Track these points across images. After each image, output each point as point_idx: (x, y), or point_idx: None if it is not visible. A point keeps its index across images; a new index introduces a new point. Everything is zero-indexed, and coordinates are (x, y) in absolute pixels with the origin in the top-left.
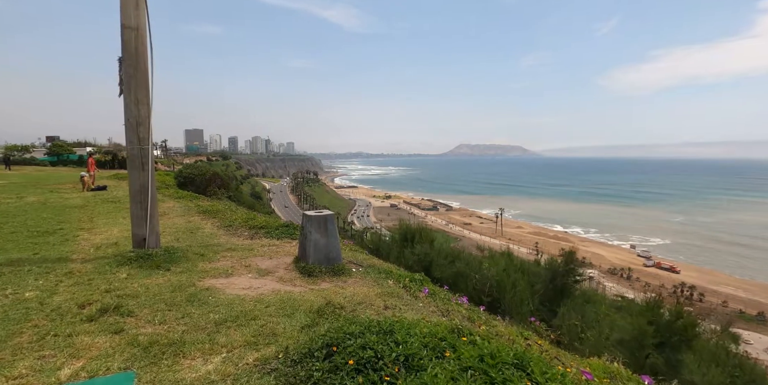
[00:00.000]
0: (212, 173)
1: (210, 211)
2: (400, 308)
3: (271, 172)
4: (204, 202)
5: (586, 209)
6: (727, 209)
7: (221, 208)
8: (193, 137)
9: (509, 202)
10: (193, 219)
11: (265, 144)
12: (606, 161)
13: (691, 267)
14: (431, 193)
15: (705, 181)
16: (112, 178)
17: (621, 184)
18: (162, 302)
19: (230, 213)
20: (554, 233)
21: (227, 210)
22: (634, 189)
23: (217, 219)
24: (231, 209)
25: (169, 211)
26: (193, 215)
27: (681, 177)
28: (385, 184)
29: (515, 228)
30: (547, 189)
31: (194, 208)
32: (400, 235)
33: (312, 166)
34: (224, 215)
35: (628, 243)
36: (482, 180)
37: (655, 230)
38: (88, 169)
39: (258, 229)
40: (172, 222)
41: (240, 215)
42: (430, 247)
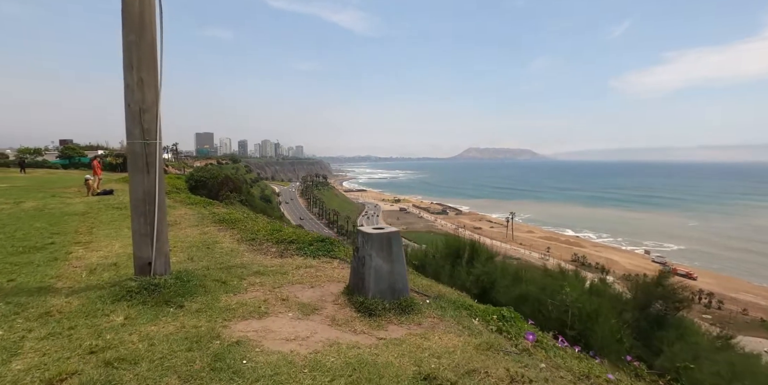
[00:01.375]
0: (224, 177)
1: (227, 220)
2: (530, 380)
3: (280, 176)
4: (219, 208)
5: (598, 213)
6: (744, 215)
7: (240, 216)
8: (203, 141)
9: (519, 206)
10: (209, 230)
11: (274, 147)
12: (618, 165)
13: (708, 273)
14: (440, 197)
15: (720, 186)
16: (121, 181)
17: (633, 188)
18: (174, 374)
19: (251, 223)
20: (566, 237)
21: (247, 219)
22: (646, 193)
23: (237, 230)
24: (251, 218)
25: (181, 220)
26: (208, 225)
27: (695, 181)
28: (393, 188)
29: (526, 232)
30: (557, 193)
31: (209, 216)
32: (450, 249)
33: (321, 170)
34: (244, 225)
35: (641, 248)
36: (491, 184)
37: (670, 235)
38: (93, 173)
39: (287, 244)
40: (184, 234)
41: (262, 225)
42: (489, 264)
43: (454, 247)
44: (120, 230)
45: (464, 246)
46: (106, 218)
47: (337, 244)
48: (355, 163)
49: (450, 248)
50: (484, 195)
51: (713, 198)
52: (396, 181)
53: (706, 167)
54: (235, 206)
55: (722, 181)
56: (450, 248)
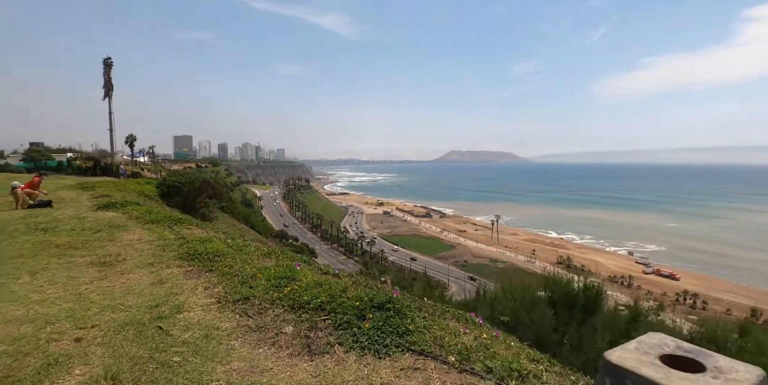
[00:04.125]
0: (202, 181)
1: (202, 255)
2: None
3: (261, 179)
4: (193, 230)
5: (579, 215)
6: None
7: (222, 247)
8: (182, 144)
9: (502, 209)
10: (169, 276)
11: (255, 151)
12: (597, 167)
13: (690, 274)
14: (424, 200)
15: (695, 187)
16: (74, 188)
17: (611, 190)
18: None
19: (240, 259)
20: (550, 239)
21: (235, 251)
22: (624, 195)
23: (217, 276)
24: (241, 247)
25: (129, 252)
26: (171, 265)
27: (670, 183)
28: (376, 191)
29: (511, 235)
30: (538, 195)
31: (174, 245)
32: (558, 295)
33: (303, 173)
34: (230, 263)
35: (624, 249)
36: (474, 187)
37: (650, 236)
38: (28, 188)
39: (313, 312)
40: (122, 287)
41: (259, 263)
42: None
43: (570, 295)
44: (36, 275)
45: (577, 291)
46: (14, 249)
47: (408, 312)
48: (337, 167)
49: (565, 295)
50: (467, 198)
51: (689, 200)
52: (379, 184)
53: (680, 169)
54: (216, 221)
55: (697, 182)
56: (564, 296)
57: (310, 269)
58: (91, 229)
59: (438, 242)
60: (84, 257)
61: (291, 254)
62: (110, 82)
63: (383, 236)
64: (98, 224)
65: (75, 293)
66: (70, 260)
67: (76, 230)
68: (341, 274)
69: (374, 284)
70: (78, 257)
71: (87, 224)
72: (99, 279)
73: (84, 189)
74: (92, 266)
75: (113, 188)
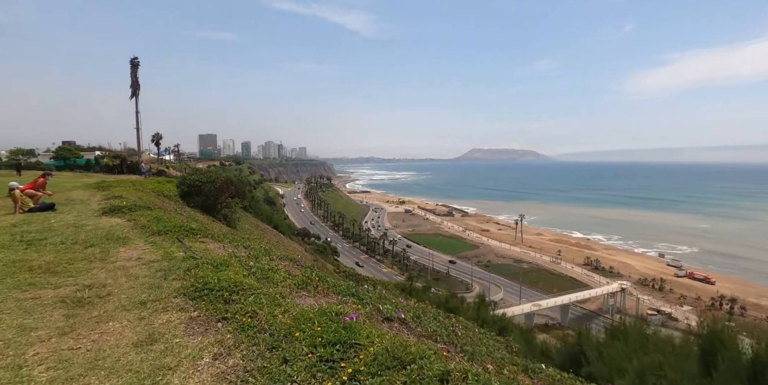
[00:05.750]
0: (224, 180)
1: (215, 290)
2: None
3: (283, 177)
4: (208, 243)
5: (605, 214)
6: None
7: (242, 278)
8: (206, 142)
9: (525, 208)
10: (164, 331)
11: (277, 149)
12: (622, 166)
13: (726, 278)
14: (445, 198)
15: (728, 187)
16: (90, 187)
17: (638, 190)
18: None
19: (267, 299)
20: (575, 240)
21: (259, 280)
22: (652, 195)
23: (235, 333)
24: (267, 274)
25: (118, 281)
26: (169, 309)
27: (702, 182)
28: (398, 189)
29: (535, 235)
30: (563, 194)
31: (180, 270)
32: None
33: (324, 171)
34: (254, 306)
35: (653, 251)
36: (496, 186)
37: (681, 238)
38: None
39: None
40: (90, 353)
41: (295, 305)
42: None
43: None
44: None
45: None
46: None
47: None
48: (358, 165)
49: (716, 350)
50: (489, 197)
51: (722, 200)
52: (400, 182)
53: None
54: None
55: (729, 182)
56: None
57: (368, 318)
58: (84, 242)
59: (461, 242)
60: (57, 289)
61: (332, 282)
62: (137, 82)
63: (405, 234)
64: (95, 235)
65: (14, 366)
66: (37, 294)
67: (66, 243)
68: (423, 328)
69: None
70: (50, 288)
71: (81, 235)
72: (62, 334)
73: (100, 189)
74: (62, 306)
75: (130, 188)
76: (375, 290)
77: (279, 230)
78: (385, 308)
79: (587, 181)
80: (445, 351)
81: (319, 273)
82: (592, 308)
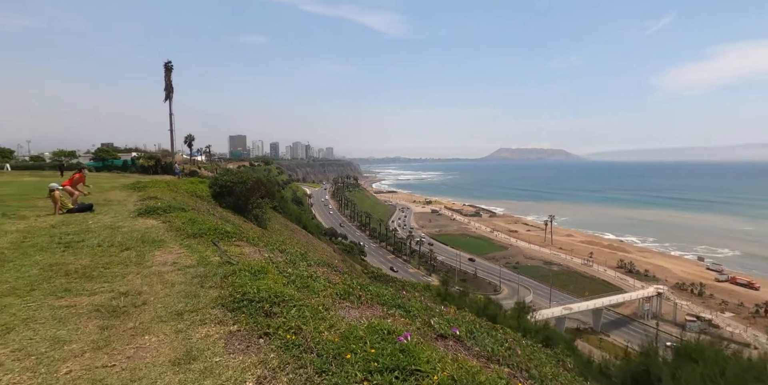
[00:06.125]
0: (255, 180)
1: (254, 301)
2: None
3: (311, 177)
4: (243, 246)
5: (640, 215)
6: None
7: (281, 287)
8: (236, 143)
9: (555, 208)
10: (203, 347)
11: (305, 149)
12: (656, 165)
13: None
14: (472, 198)
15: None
16: (127, 188)
17: (675, 190)
18: None
19: (311, 312)
20: (608, 241)
21: (299, 290)
22: (691, 195)
23: (279, 352)
24: (306, 281)
25: (154, 288)
26: (207, 321)
27: (742, 182)
28: (424, 189)
29: (565, 236)
30: (594, 195)
31: (216, 277)
32: None
33: (351, 171)
34: (297, 321)
35: (691, 254)
36: (524, 186)
37: (722, 240)
38: (66, 186)
39: None
40: (125, 372)
41: (339, 318)
42: None
43: None
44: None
45: None
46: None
47: None
48: (384, 165)
49: None
50: (517, 197)
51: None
52: (426, 182)
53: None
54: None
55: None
56: None
57: (421, 335)
58: (120, 245)
59: (488, 243)
60: (93, 296)
61: (375, 291)
62: (171, 85)
63: (432, 235)
64: (131, 237)
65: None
66: (73, 302)
67: (102, 245)
68: (480, 347)
69: None
70: (85, 294)
71: (118, 238)
72: (96, 348)
73: (136, 189)
74: (97, 316)
75: (165, 188)
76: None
77: (308, 230)
78: (437, 322)
79: (620, 181)
80: (512, 376)
81: (360, 281)
82: (626, 313)
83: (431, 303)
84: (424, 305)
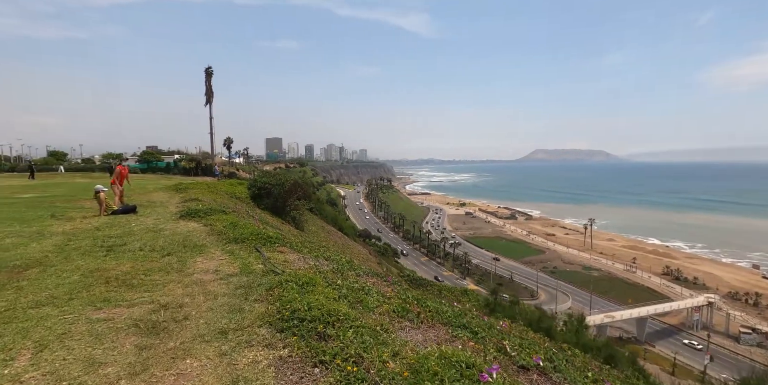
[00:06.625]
0: (293, 183)
1: (305, 320)
2: None
3: (345, 179)
4: (286, 253)
5: (687, 220)
6: None
7: (332, 303)
8: (272, 145)
9: (595, 211)
10: (250, 377)
11: (339, 151)
12: (704, 166)
13: None
14: (507, 200)
15: None
16: (170, 189)
17: (727, 193)
18: None
19: (370, 335)
20: (653, 247)
21: (351, 306)
22: (744, 198)
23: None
24: (358, 295)
25: (196, 299)
26: (254, 343)
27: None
28: (458, 191)
29: (606, 240)
30: (637, 198)
31: (261, 288)
32: None
33: (384, 173)
34: (356, 347)
35: (745, 261)
36: (562, 188)
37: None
38: (112, 181)
39: None
40: None
41: (402, 343)
42: None
43: None
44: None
45: None
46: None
47: None
48: (417, 166)
49: None
50: (554, 199)
51: None
52: (460, 183)
53: None
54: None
55: None
56: None
57: (502, 367)
58: (162, 249)
59: (524, 246)
60: (132, 308)
61: (434, 307)
62: (211, 89)
63: (466, 237)
64: (172, 240)
65: None
66: (111, 314)
67: (144, 250)
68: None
69: None
70: (125, 306)
71: (159, 242)
72: (133, 373)
73: (178, 190)
74: (135, 332)
75: (206, 190)
76: (467, 309)
77: (343, 232)
78: (513, 348)
79: (665, 183)
80: None
81: (416, 294)
82: (673, 323)
83: (487, 317)
84: (488, 322)
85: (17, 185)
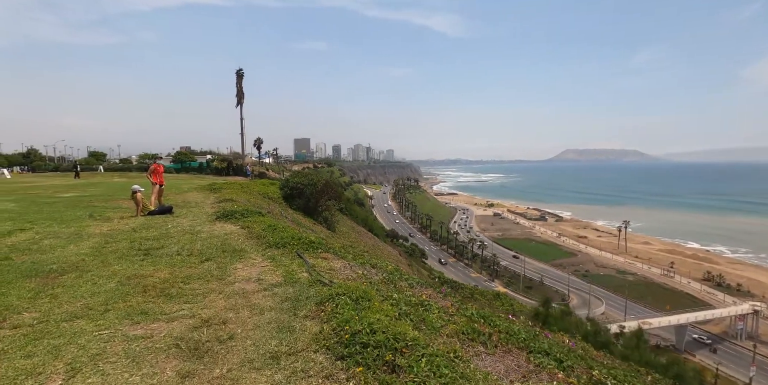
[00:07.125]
0: (324, 183)
1: (368, 344)
2: None
3: (372, 179)
4: (330, 260)
5: (729, 223)
6: None
7: (391, 322)
8: (301, 146)
9: (628, 213)
10: None
11: (366, 151)
12: (748, 166)
13: None
14: (537, 201)
15: None
16: (204, 189)
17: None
18: None
19: (447, 366)
20: (692, 251)
21: (413, 326)
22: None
23: None
24: (417, 310)
25: (240, 315)
26: (312, 374)
27: None
28: (485, 192)
29: (641, 244)
30: (674, 200)
31: (310, 302)
32: None
33: (411, 173)
34: (432, 381)
35: None
36: (593, 189)
37: None
38: (153, 181)
39: None
40: None
41: (483, 376)
42: None
43: None
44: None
45: None
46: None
47: None
48: (444, 167)
49: None
50: (585, 200)
51: None
52: (488, 184)
53: None
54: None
55: None
56: None
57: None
58: (200, 254)
59: (555, 248)
60: (172, 322)
61: (505, 327)
62: (242, 91)
63: (494, 238)
64: (210, 244)
65: None
66: (149, 330)
67: (182, 254)
68: None
69: None
70: (164, 320)
71: (197, 245)
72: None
73: (212, 190)
74: (176, 354)
75: (239, 190)
76: (520, 320)
77: (373, 233)
78: (606, 380)
79: (704, 184)
80: None
81: (481, 310)
82: (715, 331)
83: (549, 333)
84: (557, 342)
85: (60, 185)
